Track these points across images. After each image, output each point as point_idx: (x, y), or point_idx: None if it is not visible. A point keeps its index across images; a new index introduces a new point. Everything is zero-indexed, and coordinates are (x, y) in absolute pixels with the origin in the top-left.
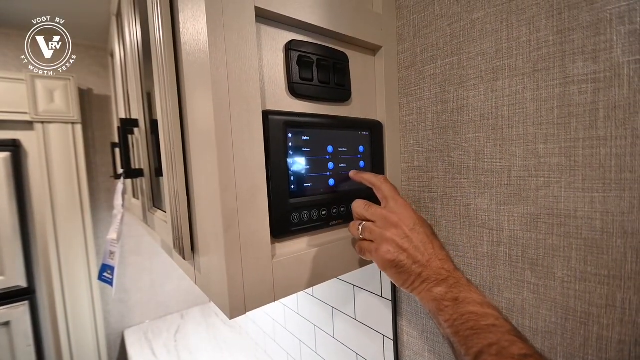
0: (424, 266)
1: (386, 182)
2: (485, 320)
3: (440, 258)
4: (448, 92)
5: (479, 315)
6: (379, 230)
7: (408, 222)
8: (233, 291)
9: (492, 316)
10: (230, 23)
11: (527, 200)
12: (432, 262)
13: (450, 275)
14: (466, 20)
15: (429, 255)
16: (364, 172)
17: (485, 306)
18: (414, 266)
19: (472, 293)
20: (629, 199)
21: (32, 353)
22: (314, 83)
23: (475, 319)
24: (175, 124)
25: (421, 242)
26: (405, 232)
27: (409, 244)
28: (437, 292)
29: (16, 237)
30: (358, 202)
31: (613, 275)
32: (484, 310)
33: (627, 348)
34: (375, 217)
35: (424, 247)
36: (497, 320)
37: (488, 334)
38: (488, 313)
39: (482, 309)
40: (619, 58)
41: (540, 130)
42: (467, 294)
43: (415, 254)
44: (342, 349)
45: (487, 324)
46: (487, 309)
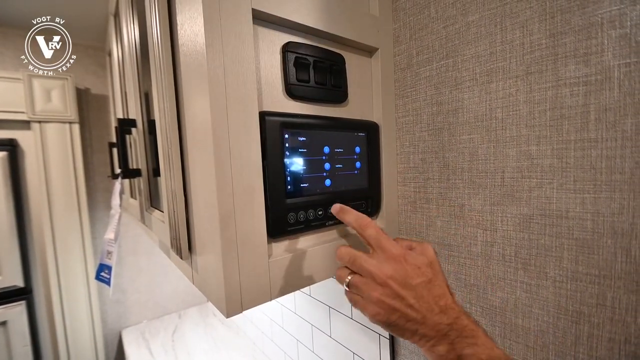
0: (419, 323)
1: (369, 228)
2: None
3: (439, 310)
4: (443, 93)
5: None
6: (366, 288)
7: (398, 279)
8: (230, 290)
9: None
10: (227, 25)
11: (520, 201)
12: (429, 318)
13: (451, 328)
14: (461, 23)
15: (424, 311)
16: (347, 210)
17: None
18: (408, 324)
19: (477, 347)
20: (619, 200)
21: (29, 353)
22: (310, 84)
23: None
24: (172, 125)
25: (414, 298)
26: (394, 291)
27: (400, 303)
28: (438, 352)
29: (13, 237)
30: (342, 252)
31: (603, 275)
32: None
33: (617, 346)
34: (361, 272)
35: (419, 304)
36: None
37: None
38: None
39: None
40: (610, 61)
41: (533, 132)
42: (472, 349)
43: (407, 313)
44: (339, 348)
45: None
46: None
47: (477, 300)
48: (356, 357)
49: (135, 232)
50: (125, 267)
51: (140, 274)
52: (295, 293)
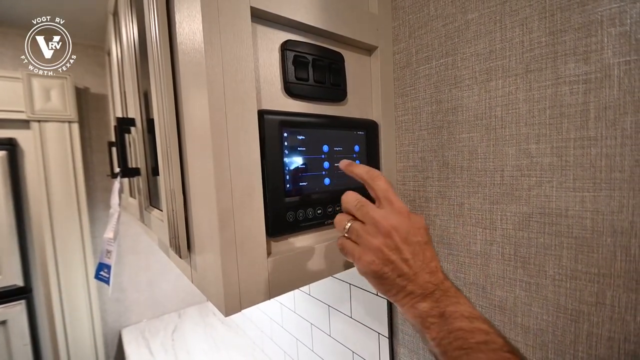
0: (409, 280)
1: (380, 180)
2: (474, 337)
3: (429, 270)
4: (442, 92)
5: (468, 332)
6: (367, 236)
7: (401, 232)
8: (228, 289)
9: (482, 332)
10: (225, 23)
11: (519, 200)
12: (420, 276)
13: (437, 288)
14: (460, 21)
15: (417, 268)
16: (357, 165)
17: (474, 320)
18: (398, 279)
19: (460, 306)
20: (619, 198)
21: (28, 352)
22: (309, 83)
23: (463, 336)
24: (171, 123)
25: (411, 254)
26: (396, 243)
27: (397, 256)
28: (421, 308)
29: (13, 236)
30: (350, 196)
31: (603, 274)
32: (473, 325)
33: (617, 345)
34: (365, 219)
35: (413, 260)
36: (487, 336)
37: (478, 354)
38: (478, 328)
39: (470, 324)
40: (610, 59)
41: (532, 130)
42: (455, 307)
43: (401, 267)
44: (339, 347)
45: (476, 341)
46: (476, 323)
47: (477, 298)
48: (355, 356)
49: (135, 231)
50: (125, 266)
51: (140, 273)
52: (294, 292)
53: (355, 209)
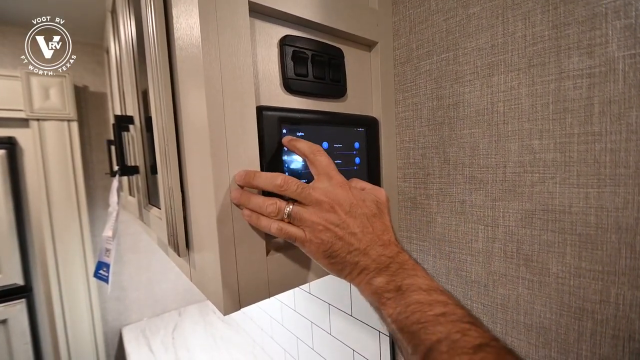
0: (361, 254)
1: (320, 155)
2: (432, 309)
3: (381, 243)
4: (444, 88)
5: (425, 305)
6: (311, 216)
7: (344, 205)
8: (227, 287)
9: (440, 303)
10: (223, 17)
11: (522, 196)
12: (371, 249)
13: (392, 261)
14: (462, 16)
15: (367, 242)
16: (298, 139)
17: (432, 292)
18: (348, 256)
19: (417, 278)
20: (624, 194)
21: (29, 351)
22: (308, 79)
23: (421, 309)
24: (169, 121)
25: (359, 227)
26: (341, 218)
27: (344, 231)
28: (377, 283)
29: (12, 235)
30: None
31: (607, 271)
32: (431, 297)
33: (621, 343)
34: (307, 200)
35: (362, 233)
36: (445, 307)
37: (436, 327)
38: (436, 300)
39: (428, 296)
40: (614, 52)
41: (535, 125)
42: (412, 280)
43: (351, 241)
44: (339, 345)
45: (434, 313)
46: (434, 295)
47: (478, 297)
48: (356, 355)
49: (135, 229)
50: (125, 265)
51: (139, 271)
52: (294, 290)
53: (296, 194)
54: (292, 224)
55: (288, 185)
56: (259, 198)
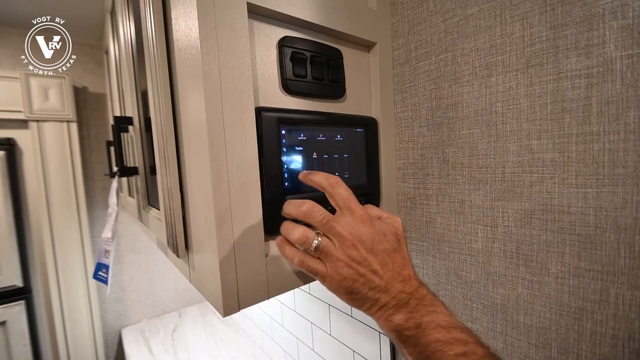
0: (382, 291)
1: (339, 187)
2: (452, 348)
3: (401, 279)
4: (442, 88)
5: (445, 344)
6: (334, 252)
7: (366, 242)
8: (226, 289)
9: (460, 342)
10: (222, 19)
11: (521, 196)
12: (392, 286)
13: (411, 297)
14: (460, 16)
15: (388, 279)
16: (314, 172)
17: (452, 330)
18: (370, 292)
19: (436, 315)
20: (622, 194)
21: (28, 353)
22: (307, 79)
23: (441, 349)
24: (168, 121)
25: (380, 264)
26: (362, 255)
27: (366, 269)
28: (396, 320)
29: (12, 236)
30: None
31: (606, 271)
32: (451, 335)
33: (621, 343)
34: (332, 233)
35: (383, 270)
36: (466, 347)
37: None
38: (456, 339)
39: (448, 334)
40: (612, 53)
41: (533, 126)
42: (431, 316)
43: (372, 278)
44: (339, 346)
45: (455, 353)
46: (454, 333)
47: (478, 297)
48: (356, 355)
49: (135, 230)
50: (125, 266)
51: (139, 272)
52: (294, 291)
53: (320, 225)
54: (314, 258)
55: (312, 213)
56: (289, 224)
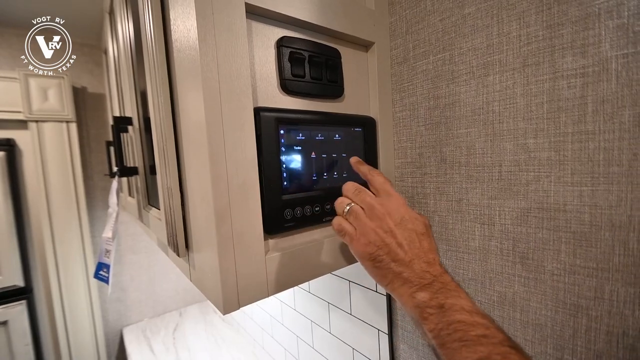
0: (405, 265)
1: (379, 176)
2: (474, 330)
3: (426, 260)
4: (440, 87)
5: (468, 325)
6: (364, 218)
7: (395, 216)
8: (226, 287)
9: (482, 325)
10: (220, 20)
11: (517, 195)
12: (415, 263)
13: (435, 280)
14: (457, 16)
15: (412, 255)
16: (363, 164)
17: (474, 314)
18: (392, 264)
19: (460, 299)
20: (617, 192)
21: (30, 352)
22: (305, 79)
23: (463, 328)
24: (167, 121)
25: (406, 240)
26: (389, 226)
27: (391, 239)
28: (420, 298)
29: (12, 237)
30: (350, 185)
31: (601, 268)
32: (473, 319)
33: (615, 339)
34: (363, 203)
35: (409, 246)
36: (487, 330)
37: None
38: (478, 322)
39: (470, 317)
40: (607, 52)
41: (530, 125)
42: (455, 300)
43: (396, 251)
44: (339, 344)
45: (476, 334)
46: (476, 317)
47: (476, 294)
48: (355, 353)
49: (135, 230)
50: (125, 266)
51: (140, 272)
52: (294, 289)
53: (354, 195)
54: (349, 222)
55: (347, 187)
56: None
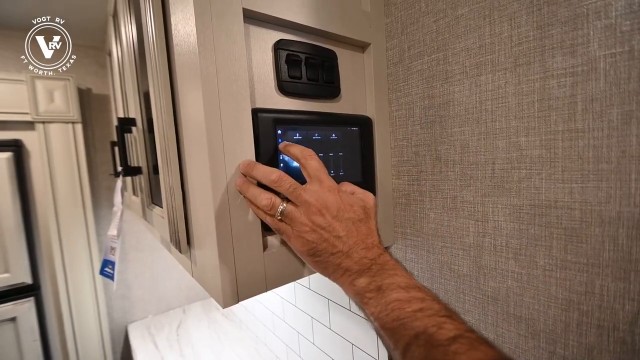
0: (345, 255)
1: (312, 159)
2: (410, 305)
3: (364, 246)
4: (434, 87)
5: (404, 302)
6: (300, 216)
7: (332, 210)
8: (225, 282)
9: (418, 300)
10: (218, 25)
11: (510, 192)
12: (354, 252)
13: (373, 263)
14: (451, 17)
15: (351, 245)
16: (292, 144)
17: (411, 290)
18: (332, 257)
19: (396, 277)
20: (606, 189)
21: (38, 348)
22: (302, 81)
23: (399, 307)
24: (169, 123)
25: (344, 230)
26: (327, 221)
27: (329, 234)
28: (359, 284)
29: (20, 235)
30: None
31: (592, 263)
32: (410, 294)
33: (606, 333)
34: (298, 201)
35: (347, 237)
36: (422, 303)
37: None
38: (414, 297)
39: (406, 293)
40: (596, 52)
41: (521, 123)
42: (391, 279)
43: (335, 243)
44: (339, 340)
45: (412, 309)
46: (412, 292)
47: (470, 290)
48: (355, 348)
49: (139, 228)
50: (130, 263)
51: (144, 269)
52: (295, 286)
53: (288, 192)
54: (283, 221)
55: (282, 182)
56: (255, 190)
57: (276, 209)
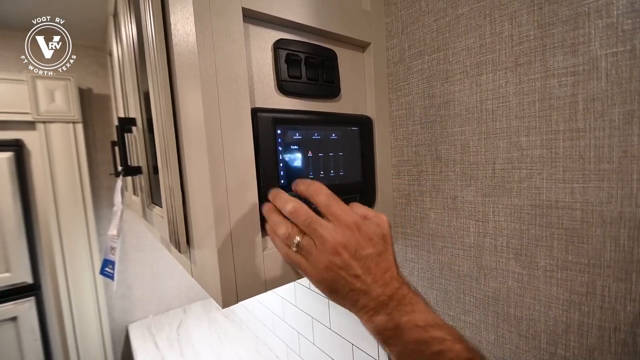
0: (362, 294)
1: (319, 195)
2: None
3: (382, 282)
4: (435, 87)
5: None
6: (316, 253)
7: (350, 248)
8: (225, 282)
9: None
10: (218, 24)
11: (510, 192)
12: (373, 289)
13: (390, 299)
14: (451, 16)
15: (369, 282)
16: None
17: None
18: (350, 293)
19: (414, 314)
20: (607, 189)
21: (39, 347)
22: (302, 80)
23: (419, 348)
24: (168, 122)
25: (362, 269)
26: (344, 261)
27: (346, 273)
28: (377, 322)
29: (21, 235)
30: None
31: (593, 264)
32: (428, 334)
33: (607, 334)
34: (315, 236)
35: (365, 275)
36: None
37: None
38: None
39: (425, 333)
40: (597, 51)
41: (522, 123)
42: (409, 316)
43: (352, 282)
44: (339, 340)
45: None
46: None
47: (470, 290)
48: (355, 348)
49: (139, 229)
50: (130, 263)
51: (144, 269)
52: (295, 286)
53: (304, 226)
54: (299, 253)
55: (297, 214)
56: (277, 217)
57: (292, 240)
